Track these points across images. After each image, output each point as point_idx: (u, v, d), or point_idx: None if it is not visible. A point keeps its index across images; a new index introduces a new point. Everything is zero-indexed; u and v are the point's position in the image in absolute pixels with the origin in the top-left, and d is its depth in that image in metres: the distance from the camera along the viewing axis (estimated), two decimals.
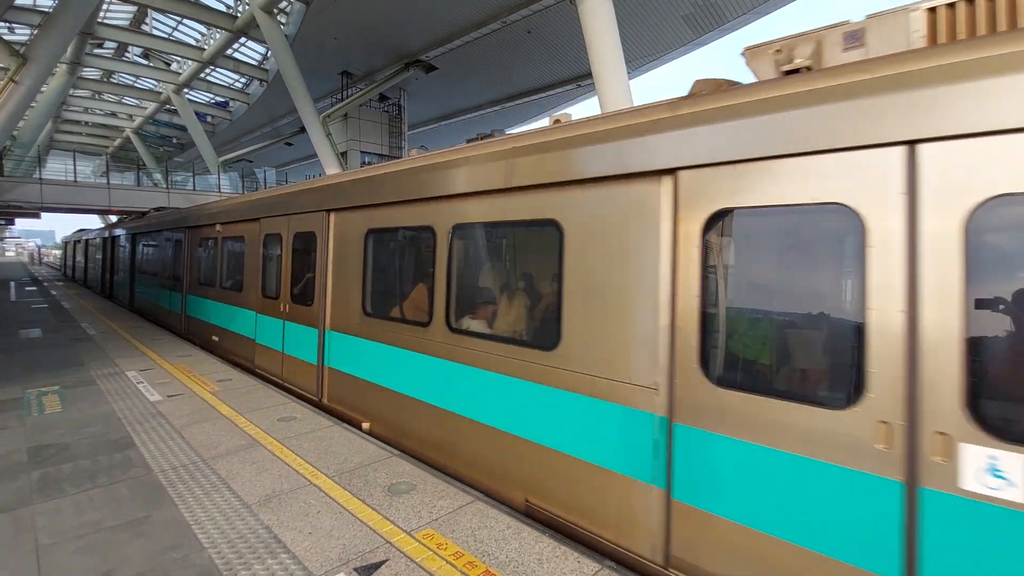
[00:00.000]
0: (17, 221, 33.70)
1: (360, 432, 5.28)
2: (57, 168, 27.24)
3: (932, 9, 2.71)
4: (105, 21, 26.19)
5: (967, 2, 2.60)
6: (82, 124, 45.24)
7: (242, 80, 32.99)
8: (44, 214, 25.88)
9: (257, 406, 6.04)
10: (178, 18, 26.15)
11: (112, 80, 35.22)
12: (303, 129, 26.76)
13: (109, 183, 27.06)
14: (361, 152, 27.52)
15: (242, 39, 26.17)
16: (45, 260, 75.12)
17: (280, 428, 5.31)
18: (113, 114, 42.14)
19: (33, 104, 23.08)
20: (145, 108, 39.02)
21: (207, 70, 30.57)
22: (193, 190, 30.05)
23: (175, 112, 35.80)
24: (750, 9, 19.21)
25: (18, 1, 19.95)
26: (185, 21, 26.63)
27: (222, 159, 37.27)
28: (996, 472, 2.01)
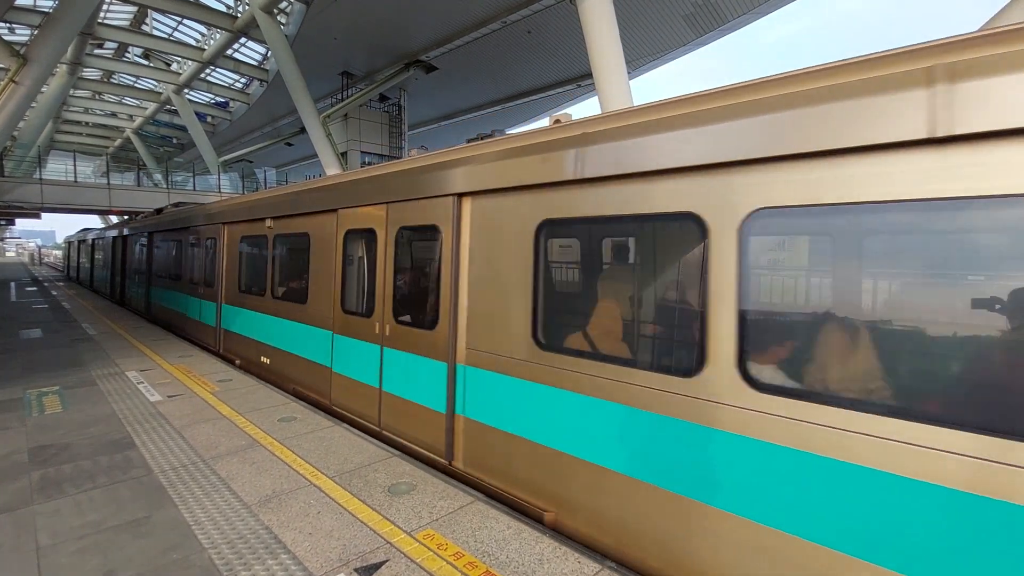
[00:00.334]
0: (17, 221, 33.75)
1: (359, 432, 5.27)
2: (57, 168, 27.24)
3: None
4: (105, 21, 26.21)
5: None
6: (82, 124, 45.28)
7: (242, 80, 33.01)
8: (44, 214, 25.86)
9: (257, 406, 6.04)
10: (178, 18, 26.16)
11: (112, 80, 35.25)
12: (303, 129, 26.76)
13: (109, 183, 27.05)
14: (361, 152, 27.54)
15: (242, 39, 26.18)
16: (46, 260, 75.23)
17: (280, 428, 5.31)
18: (113, 114, 42.18)
19: (34, 104, 23.11)
20: (145, 108, 39.05)
21: (207, 70, 30.59)
22: (194, 190, 30.05)
23: (175, 112, 35.83)
24: (751, 9, 19.21)
25: (19, 1, 19.97)
26: (185, 21, 26.64)
27: (222, 159, 37.29)
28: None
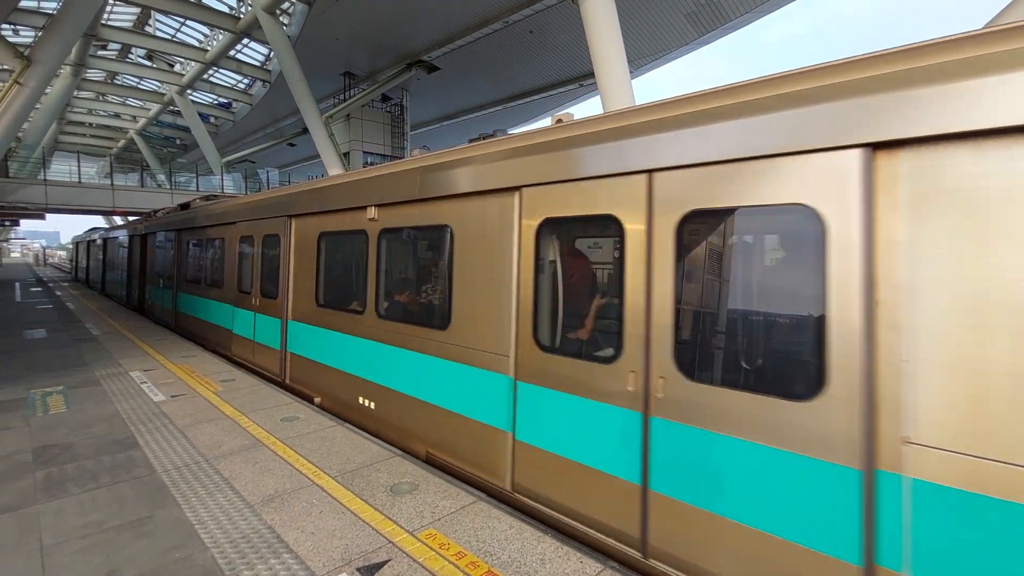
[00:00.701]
0: (22, 222, 33.86)
1: (361, 432, 5.28)
2: (62, 169, 27.36)
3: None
4: (109, 23, 26.30)
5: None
6: (86, 126, 45.47)
7: (245, 81, 33.09)
8: (49, 215, 25.96)
9: (260, 406, 6.05)
10: (181, 19, 26.22)
11: (116, 82, 35.36)
12: (306, 130, 26.79)
13: (113, 184, 27.16)
14: (363, 152, 27.57)
15: (245, 40, 26.25)
16: (50, 261, 75.59)
17: (283, 428, 5.32)
18: (117, 115, 42.33)
19: (38, 106, 23.24)
20: (149, 109, 39.18)
21: (210, 71, 30.68)
22: (197, 191, 30.13)
23: (178, 113, 35.96)
24: (753, 7, 19.16)
25: (23, 3, 20.05)
26: (188, 22, 26.69)
27: (225, 160, 37.40)
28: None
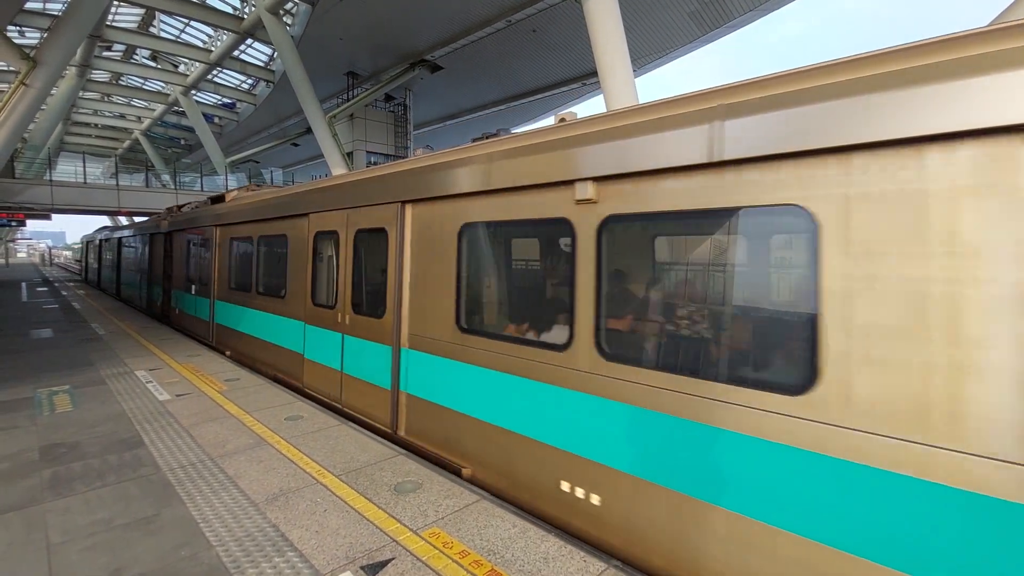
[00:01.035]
0: (28, 222, 34.03)
1: (365, 431, 5.30)
2: (67, 170, 27.54)
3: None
4: (114, 24, 26.43)
5: None
6: (92, 126, 45.68)
7: (249, 81, 33.20)
8: (54, 215, 26.11)
9: (264, 405, 6.08)
10: (185, 20, 26.31)
11: (121, 82, 35.52)
12: (309, 130, 26.87)
13: (118, 184, 27.29)
14: (367, 152, 27.63)
15: (248, 40, 26.32)
16: (56, 261, 76.05)
17: (287, 427, 5.34)
18: (122, 116, 42.52)
19: (44, 107, 23.36)
20: (153, 110, 39.35)
21: (214, 71, 30.78)
22: (201, 191, 30.25)
23: (183, 114, 36.11)
24: (757, 6, 19.10)
25: (28, 5, 20.16)
26: (192, 23, 26.78)
27: (229, 160, 37.55)
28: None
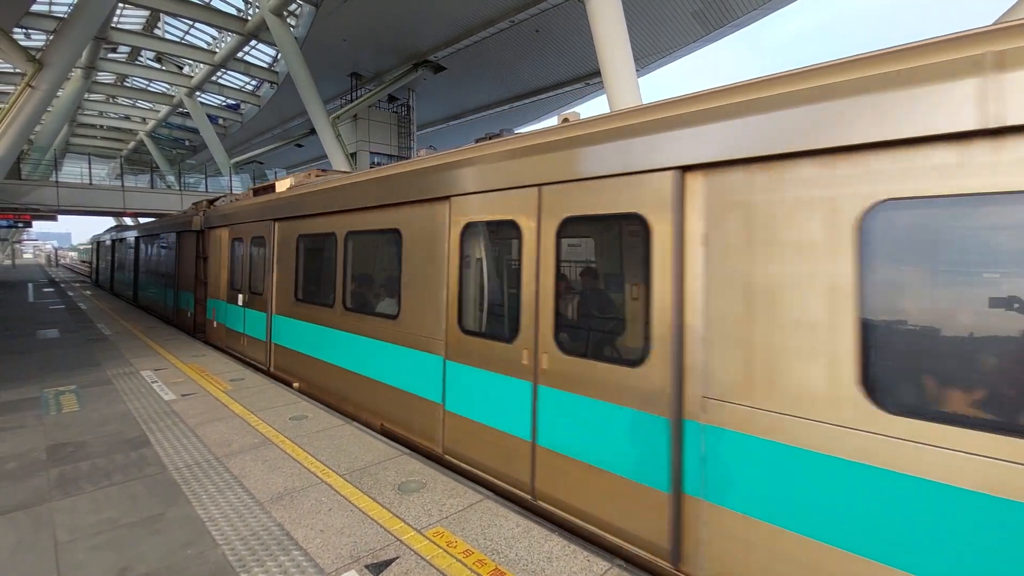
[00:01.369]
0: (34, 223, 34.21)
1: (369, 431, 5.32)
2: (73, 171, 27.68)
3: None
4: (119, 26, 26.56)
5: None
6: (97, 128, 45.91)
7: (253, 82, 33.29)
8: (60, 216, 26.23)
9: (269, 405, 6.10)
10: (190, 22, 26.42)
11: (126, 84, 35.71)
12: (313, 131, 26.96)
13: (123, 186, 27.43)
14: (371, 153, 27.68)
15: (253, 42, 26.41)
16: (62, 262, 76.47)
17: (292, 427, 5.36)
18: (127, 117, 42.72)
19: (49, 109, 23.52)
20: (158, 111, 39.52)
21: (218, 73, 30.89)
22: (206, 191, 30.37)
23: (187, 115, 36.25)
24: (760, 5, 19.04)
25: (34, 7, 20.28)
26: (197, 25, 26.89)
27: (234, 161, 37.68)
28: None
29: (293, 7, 22.52)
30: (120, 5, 23.24)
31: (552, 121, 4.34)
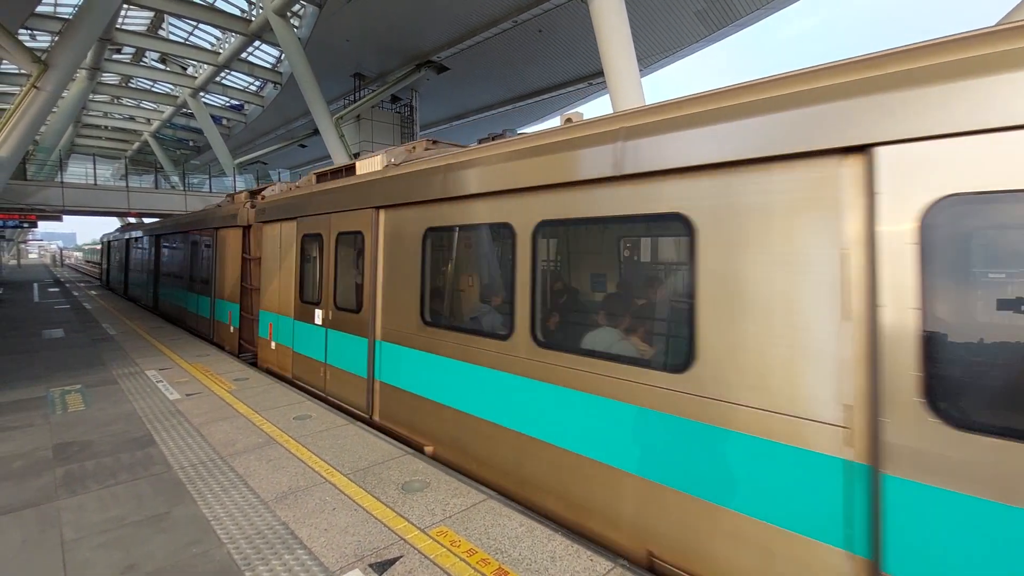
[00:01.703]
0: (39, 224, 34.36)
1: (372, 430, 5.33)
2: (78, 172, 27.78)
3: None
4: (123, 27, 26.69)
5: None
6: (102, 128, 46.14)
7: (256, 83, 33.40)
8: (65, 216, 26.37)
9: (273, 405, 6.13)
10: (194, 23, 26.52)
11: (130, 85, 35.87)
12: (317, 131, 27.01)
13: (128, 186, 27.55)
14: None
15: (256, 43, 26.50)
16: (67, 262, 76.84)
17: (296, 426, 5.39)
18: (131, 118, 42.91)
19: (55, 109, 23.60)
20: (162, 112, 39.68)
21: (222, 73, 31.00)
22: (210, 192, 30.48)
23: (192, 115, 36.39)
24: (763, 4, 19.00)
25: (39, 8, 20.39)
26: (201, 26, 26.99)
27: (237, 161, 37.79)
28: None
29: (297, 7, 22.59)
30: (125, 6, 23.32)
31: (555, 121, 4.32)
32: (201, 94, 33.75)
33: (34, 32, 24.77)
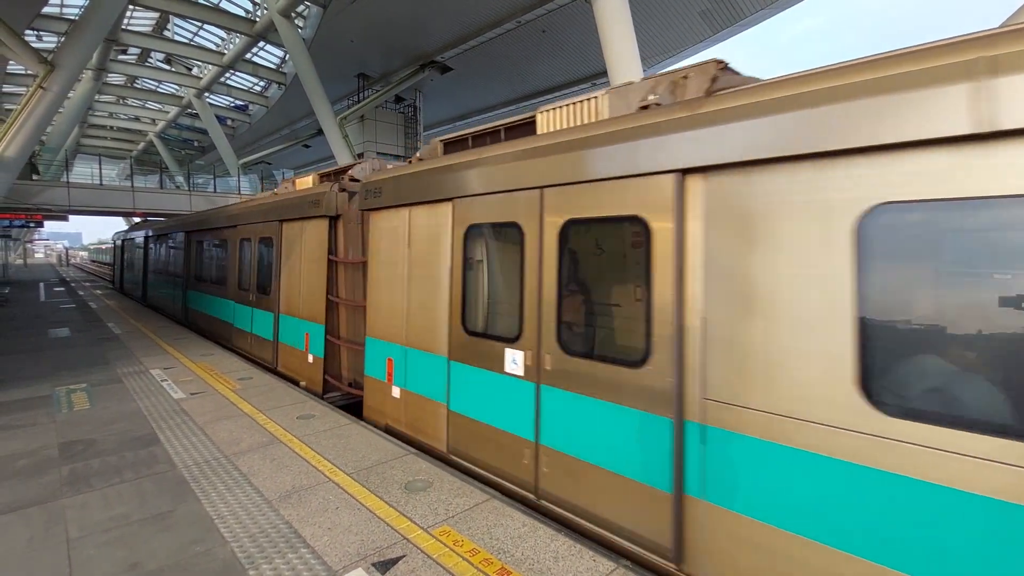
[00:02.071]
0: (45, 223, 34.54)
1: (376, 430, 5.34)
2: (84, 172, 27.92)
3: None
4: (129, 28, 26.82)
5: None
6: (107, 128, 46.36)
7: (261, 83, 33.52)
8: (71, 216, 26.52)
9: (277, 404, 6.14)
10: (199, 23, 26.64)
11: (136, 85, 36.05)
12: (320, 131, 27.07)
13: (133, 186, 27.68)
14: (378, 153, 27.79)
15: (261, 43, 26.59)
16: (72, 262, 77.27)
17: (299, 426, 5.40)
18: (137, 118, 43.13)
19: (61, 110, 23.77)
20: (167, 112, 39.86)
21: (227, 74, 31.12)
22: (214, 192, 30.59)
23: (196, 116, 36.57)
24: (768, 4, 18.95)
25: (46, 9, 20.51)
26: (206, 26, 27.11)
27: (242, 161, 37.94)
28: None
29: (301, 8, 22.65)
30: (130, 7, 23.45)
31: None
32: (206, 94, 33.90)
33: (40, 33, 24.92)
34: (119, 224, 47.33)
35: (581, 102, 4.20)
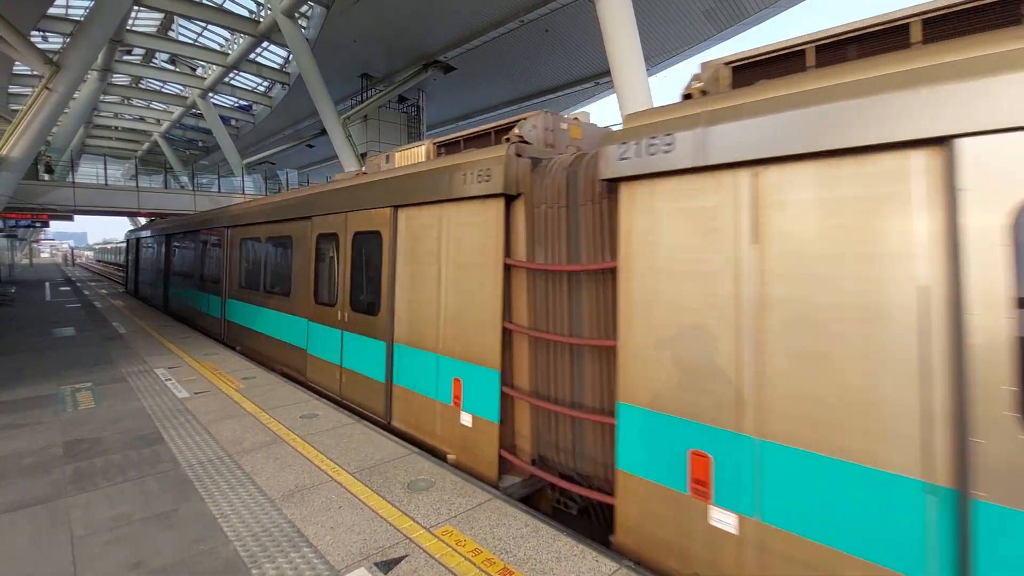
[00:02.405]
0: (51, 223, 34.66)
1: (379, 430, 5.35)
2: (89, 172, 28.04)
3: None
4: (133, 28, 26.94)
5: None
6: (112, 129, 46.55)
7: (265, 84, 33.62)
8: (76, 216, 26.64)
9: (280, 403, 6.16)
10: (203, 24, 26.73)
11: (140, 86, 36.20)
12: (324, 131, 27.14)
13: (138, 186, 27.80)
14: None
15: (264, 43, 26.66)
16: (78, 261, 77.69)
17: (302, 425, 5.41)
18: (141, 119, 43.30)
19: (66, 110, 23.86)
20: (172, 112, 40.01)
21: (231, 74, 31.21)
22: (218, 192, 30.69)
23: (201, 116, 36.67)
24: (771, 3, 18.88)
25: (51, 10, 20.61)
26: (210, 27, 27.21)
27: (246, 161, 38.05)
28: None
29: (304, 8, 22.70)
30: (135, 8, 23.55)
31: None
32: (210, 95, 34.00)
33: (46, 34, 25.05)
34: (124, 224, 47.60)
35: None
